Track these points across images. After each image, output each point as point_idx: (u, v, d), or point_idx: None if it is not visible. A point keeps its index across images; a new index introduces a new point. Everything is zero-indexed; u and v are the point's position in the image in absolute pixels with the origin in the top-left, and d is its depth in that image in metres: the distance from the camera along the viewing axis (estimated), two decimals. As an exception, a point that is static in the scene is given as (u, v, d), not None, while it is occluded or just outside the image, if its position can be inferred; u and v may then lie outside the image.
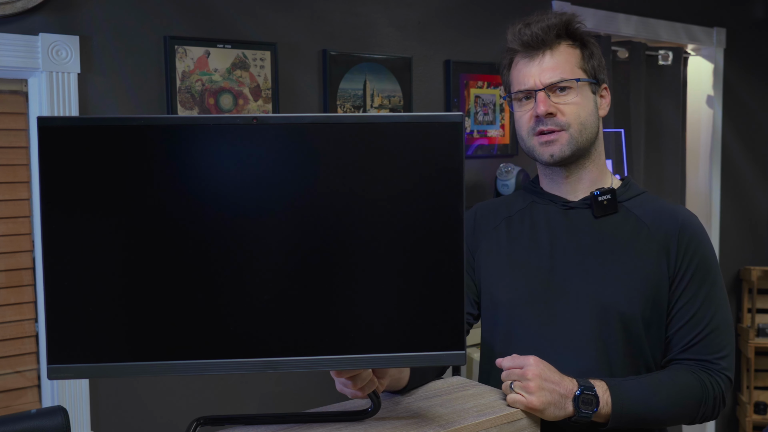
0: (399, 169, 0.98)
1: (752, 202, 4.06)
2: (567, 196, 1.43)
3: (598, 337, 1.34)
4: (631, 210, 1.40)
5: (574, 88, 1.38)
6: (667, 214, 1.39)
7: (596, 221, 1.39)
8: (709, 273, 1.37)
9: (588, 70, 1.41)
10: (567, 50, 1.39)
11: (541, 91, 1.37)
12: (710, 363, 1.33)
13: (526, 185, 1.52)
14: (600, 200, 1.39)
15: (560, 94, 1.37)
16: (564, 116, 1.37)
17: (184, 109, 2.21)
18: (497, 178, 2.80)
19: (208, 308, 0.97)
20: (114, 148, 0.95)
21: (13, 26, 1.96)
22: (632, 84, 3.41)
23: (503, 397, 1.21)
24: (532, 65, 1.39)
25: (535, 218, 1.44)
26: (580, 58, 1.40)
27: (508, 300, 1.40)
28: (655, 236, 1.36)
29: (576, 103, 1.38)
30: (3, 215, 2.05)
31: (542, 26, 1.38)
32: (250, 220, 0.97)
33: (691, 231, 1.38)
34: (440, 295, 0.99)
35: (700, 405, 1.31)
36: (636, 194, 1.43)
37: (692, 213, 1.43)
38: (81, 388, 2.08)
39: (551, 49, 1.38)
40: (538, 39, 1.38)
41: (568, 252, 1.38)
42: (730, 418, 4.02)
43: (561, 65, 1.38)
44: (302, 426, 1.08)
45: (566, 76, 1.38)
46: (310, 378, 2.44)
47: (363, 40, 2.61)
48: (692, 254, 1.36)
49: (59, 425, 0.98)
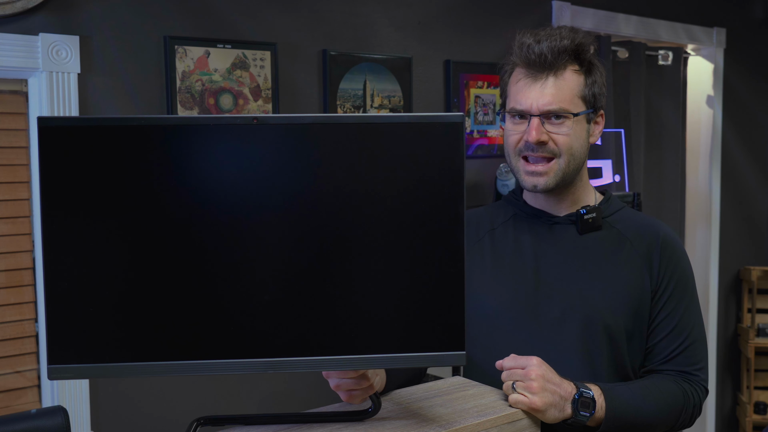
0: (399, 170, 0.98)
1: (752, 202, 4.06)
2: (551, 211, 1.42)
3: (583, 348, 1.34)
4: (614, 225, 1.41)
5: (571, 119, 1.34)
6: (647, 228, 1.41)
7: (580, 237, 1.40)
8: (688, 287, 1.39)
9: (588, 99, 1.36)
10: (571, 77, 1.34)
11: (536, 118, 1.33)
12: (689, 374, 1.36)
13: (509, 197, 1.50)
14: (586, 218, 1.38)
15: (555, 122, 1.33)
16: (556, 145, 1.34)
17: (184, 109, 2.21)
18: (497, 178, 2.80)
19: (208, 308, 0.97)
20: (114, 148, 0.95)
21: (13, 26, 1.96)
22: (632, 84, 3.41)
23: (504, 398, 1.21)
24: (533, 87, 1.33)
25: (519, 232, 1.43)
26: (583, 85, 1.36)
27: (492, 312, 1.39)
28: (637, 250, 1.38)
29: (569, 134, 1.34)
30: (3, 215, 2.05)
31: (552, 47, 1.32)
32: (249, 220, 0.97)
33: (672, 245, 1.40)
34: (440, 295, 0.99)
35: (681, 413, 1.34)
36: (617, 209, 1.44)
37: (670, 228, 1.45)
38: (81, 388, 2.08)
39: (555, 74, 1.33)
40: (545, 62, 1.32)
41: (553, 265, 1.38)
42: (730, 418, 4.02)
43: (562, 93, 1.33)
44: (302, 426, 1.08)
45: (565, 106, 1.33)
46: (310, 378, 2.43)
47: (363, 40, 2.61)
48: (674, 268, 1.38)
49: (59, 425, 0.98)
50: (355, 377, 1.07)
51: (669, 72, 3.62)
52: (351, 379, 1.07)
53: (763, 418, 3.81)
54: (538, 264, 1.39)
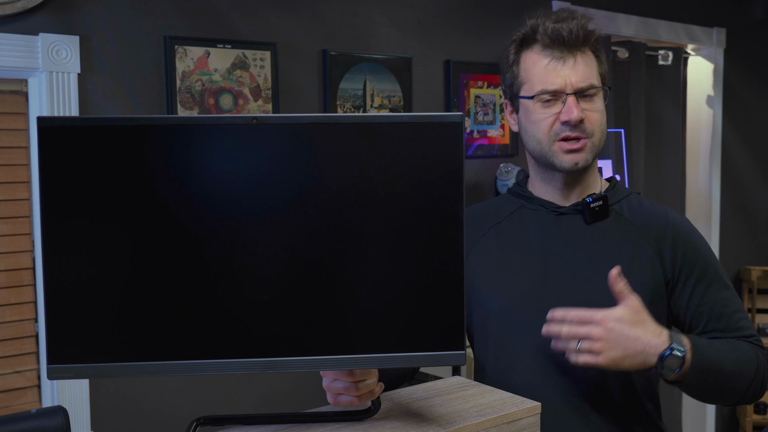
0: (399, 170, 0.98)
1: (752, 202, 4.06)
2: (558, 201, 1.41)
3: None
4: (621, 213, 1.39)
5: (599, 95, 1.35)
6: (656, 216, 1.39)
7: (587, 226, 1.38)
8: (710, 266, 1.37)
9: (603, 76, 1.38)
10: (590, 55, 1.35)
11: (572, 96, 1.31)
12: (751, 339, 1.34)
13: (514, 188, 1.49)
14: (592, 207, 1.37)
15: (587, 99, 1.33)
16: (590, 123, 1.33)
17: (184, 109, 2.21)
18: (497, 178, 2.80)
19: (208, 308, 0.97)
20: (114, 148, 0.95)
21: (13, 26, 1.96)
22: (632, 84, 3.41)
23: (503, 398, 1.20)
24: (564, 66, 1.32)
25: (525, 224, 1.41)
26: (598, 63, 1.37)
27: (500, 307, 1.38)
28: (647, 238, 1.36)
29: (600, 110, 1.35)
30: (3, 215, 2.05)
31: (580, 25, 1.32)
32: (249, 220, 0.97)
33: (684, 232, 1.38)
34: (440, 295, 0.99)
35: (754, 377, 1.30)
36: (624, 196, 1.42)
37: (679, 213, 1.43)
38: (81, 388, 2.08)
39: (581, 52, 1.33)
40: (576, 40, 1.32)
41: (561, 258, 1.37)
42: (730, 418, 4.02)
43: (591, 70, 1.34)
44: (302, 426, 1.08)
45: (594, 82, 1.34)
46: (310, 378, 2.43)
47: (363, 40, 2.61)
48: (691, 253, 1.36)
49: (59, 425, 0.98)
50: (350, 380, 1.05)
51: (669, 72, 3.62)
52: (345, 382, 1.05)
53: (763, 418, 3.81)
54: (545, 258, 1.37)
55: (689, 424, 3.90)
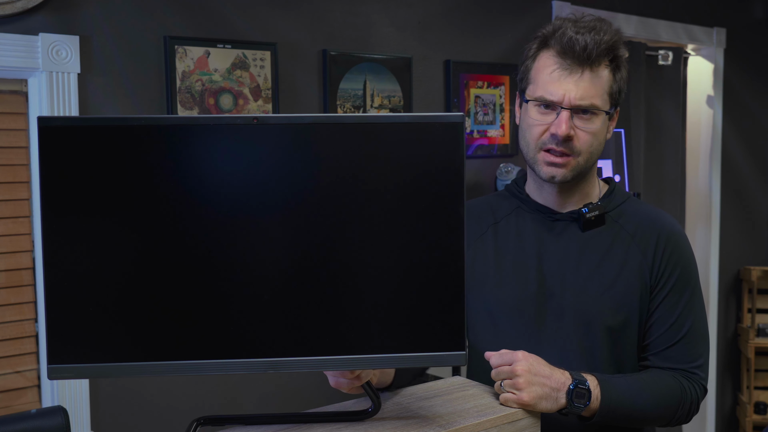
0: (399, 170, 0.98)
1: (752, 202, 4.06)
2: (554, 206, 1.41)
3: (583, 346, 1.35)
4: (616, 220, 1.40)
5: (599, 116, 1.33)
6: (649, 222, 1.39)
7: (582, 233, 1.39)
8: (689, 282, 1.38)
9: (614, 95, 1.35)
10: (604, 72, 1.32)
11: (566, 111, 1.30)
12: (688, 372, 1.35)
13: (511, 187, 1.48)
14: (588, 217, 1.37)
15: (583, 117, 1.31)
16: (578, 142, 1.32)
17: (184, 109, 2.21)
18: (497, 178, 2.80)
19: (208, 308, 0.97)
20: (114, 148, 0.95)
21: (13, 26, 1.96)
22: (632, 84, 3.41)
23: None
24: (568, 79, 1.30)
25: (522, 227, 1.42)
26: (612, 81, 1.34)
27: (495, 308, 1.39)
28: (639, 246, 1.37)
29: (594, 132, 1.32)
30: (3, 215, 2.05)
31: (597, 41, 1.29)
32: (250, 220, 0.97)
33: (674, 239, 1.38)
34: (440, 296, 0.99)
35: (677, 409, 1.33)
36: (621, 202, 1.42)
37: (674, 220, 1.43)
38: (81, 388, 2.08)
39: (591, 69, 1.30)
40: (588, 56, 1.29)
41: (555, 263, 1.38)
42: (730, 418, 4.02)
43: (595, 89, 1.31)
44: (302, 426, 1.08)
45: (596, 102, 1.31)
46: (310, 378, 2.44)
47: (363, 40, 2.61)
48: (675, 263, 1.37)
49: (59, 425, 0.98)
50: (352, 378, 1.07)
51: (669, 72, 3.62)
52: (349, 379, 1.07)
53: (763, 418, 3.81)
54: (540, 261, 1.38)
55: (689, 424, 3.90)
